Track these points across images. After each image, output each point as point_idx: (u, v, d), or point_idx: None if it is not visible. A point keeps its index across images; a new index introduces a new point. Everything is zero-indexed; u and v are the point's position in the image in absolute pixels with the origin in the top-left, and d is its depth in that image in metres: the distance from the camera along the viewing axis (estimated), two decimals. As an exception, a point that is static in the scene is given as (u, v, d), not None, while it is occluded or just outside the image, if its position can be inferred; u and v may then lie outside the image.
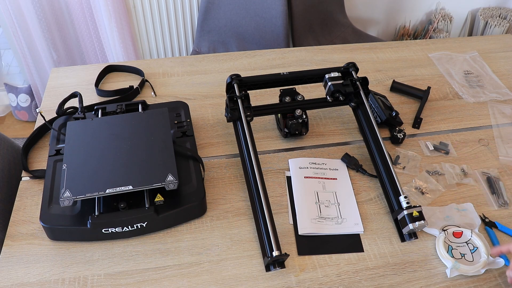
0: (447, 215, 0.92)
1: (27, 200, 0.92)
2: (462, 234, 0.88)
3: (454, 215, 0.92)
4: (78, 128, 0.93)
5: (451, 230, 0.88)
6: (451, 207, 0.94)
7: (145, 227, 0.84)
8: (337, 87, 1.02)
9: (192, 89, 1.22)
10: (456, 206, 0.94)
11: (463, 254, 0.85)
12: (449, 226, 0.90)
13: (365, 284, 0.81)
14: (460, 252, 0.85)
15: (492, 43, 1.46)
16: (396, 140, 1.06)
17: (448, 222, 0.90)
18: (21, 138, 2.09)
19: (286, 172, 0.99)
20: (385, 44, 1.44)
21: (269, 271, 0.81)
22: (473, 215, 0.92)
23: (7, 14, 1.87)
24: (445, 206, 0.94)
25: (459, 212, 0.93)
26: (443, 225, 0.90)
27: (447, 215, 0.92)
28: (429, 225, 0.88)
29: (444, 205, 0.94)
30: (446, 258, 0.83)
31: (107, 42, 2.02)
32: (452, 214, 0.92)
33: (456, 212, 0.93)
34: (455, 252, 0.85)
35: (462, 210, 0.93)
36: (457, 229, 0.88)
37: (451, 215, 0.92)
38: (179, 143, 0.98)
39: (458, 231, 0.88)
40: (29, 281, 0.79)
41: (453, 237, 0.88)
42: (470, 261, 0.84)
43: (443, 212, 0.93)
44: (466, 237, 0.87)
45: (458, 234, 0.88)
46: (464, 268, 0.81)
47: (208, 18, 1.97)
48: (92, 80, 1.22)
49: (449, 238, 0.87)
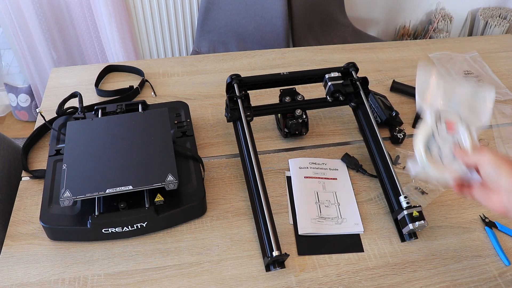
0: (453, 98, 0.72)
1: (27, 200, 0.92)
2: (454, 128, 0.70)
3: (463, 100, 0.72)
4: (78, 128, 0.93)
5: (445, 116, 0.70)
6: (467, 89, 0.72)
7: (145, 227, 0.84)
8: (337, 87, 1.02)
9: (192, 89, 1.22)
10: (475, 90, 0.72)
11: (441, 155, 0.68)
12: (446, 111, 0.71)
13: (365, 284, 0.81)
14: (440, 150, 0.69)
15: (492, 43, 1.46)
16: (396, 140, 1.06)
17: (451, 105, 0.72)
18: (21, 138, 2.09)
19: (286, 172, 1.00)
20: (385, 44, 1.44)
21: (269, 271, 0.81)
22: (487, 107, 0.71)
23: (7, 14, 1.87)
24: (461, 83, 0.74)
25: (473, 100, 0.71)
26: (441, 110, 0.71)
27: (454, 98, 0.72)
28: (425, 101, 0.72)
29: (445, 205, 0.94)
30: (420, 152, 0.68)
31: (107, 42, 2.02)
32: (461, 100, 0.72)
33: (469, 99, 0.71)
34: (434, 149, 0.69)
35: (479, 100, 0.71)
36: (453, 119, 0.70)
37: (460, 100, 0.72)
38: (179, 143, 0.98)
39: (452, 121, 0.70)
40: (29, 281, 0.79)
41: (443, 127, 0.70)
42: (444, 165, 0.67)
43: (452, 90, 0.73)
44: (458, 134, 0.69)
45: (450, 125, 0.70)
46: (431, 173, 0.66)
47: (208, 18, 1.97)
48: (92, 80, 1.22)
49: (438, 125, 0.70)
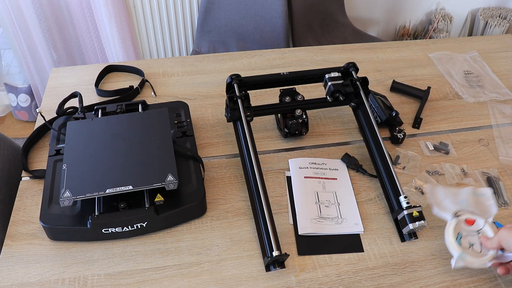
0: (462, 199, 0.84)
1: (27, 200, 0.92)
2: (474, 222, 0.80)
3: (469, 199, 0.84)
4: (78, 128, 0.93)
5: (464, 217, 0.81)
6: (467, 191, 0.86)
7: (145, 227, 0.84)
8: (337, 87, 1.02)
9: (192, 89, 1.22)
10: (473, 190, 0.86)
11: (472, 244, 0.79)
12: (462, 211, 0.82)
13: (365, 284, 0.81)
14: (469, 242, 0.79)
15: (492, 43, 1.46)
16: (396, 140, 1.06)
17: (462, 207, 0.83)
18: (21, 138, 2.09)
19: (286, 172, 1.00)
20: (385, 44, 1.44)
21: (269, 271, 0.81)
22: (490, 202, 0.84)
23: (7, 14, 1.87)
24: (461, 189, 0.87)
25: (476, 197, 0.85)
26: (456, 210, 0.82)
27: (462, 199, 0.84)
28: (441, 209, 0.83)
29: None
30: (453, 246, 0.78)
31: (107, 42, 2.02)
32: (467, 199, 0.84)
33: (472, 197, 0.85)
34: (464, 241, 0.79)
35: (479, 195, 0.85)
36: (471, 216, 0.81)
37: (467, 199, 0.84)
38: (179, 143, 0.98)
39: (471, 219, 0.81)
40: (29, 281, 0.79)
41: (464, 224, 0.81)
42: (478, 252, 0.78)
43: (458, 195, 0.85)
44: (478, 226, 0.80)
45: (470, 221, 0.81)
46: (470, 260, 0.76)
47: (208, 18, 1.97)
48: (92, 80, 1.22)
49: (460, 224, 0.81)
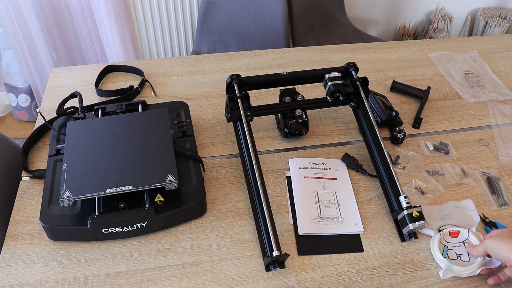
0: (444, 214, 0.91)
1: (27, 200, 0.92)
2: (459, 234, 0.86)
3: (452, 213, 0.91)
4: (78, 128, 0.93)
5: (447, 230, 0.87)
6: (450, 205, 0.92)
7: (145, 227, 0.84)
8: (337, 87, 1.02)
9: (192, 89, 1.22)
10: (455, 203, 0.93)
11: (459, 255, 0.84)
12: (445, 225, 0.88)
13: (365, 284, 0.81)
14: (456, 253, 0.84)
15: (492, 43, 1.46)
16: (396, 140, 1.06)
17: (445, 222, 0.89)
18: (21, 138, 2.09)
19: (286, 172, 0.99)
20: (385, 44, 1.44)
21: (269, 271, 0.81)
22: (472, 212, 0.91)
23: (7, 14, 1.87)
24: (443, 205, 0.93)
25: (458, 209, 0.92)
26: (440, 225, 0.89)
27: (445, 214, 0.91)
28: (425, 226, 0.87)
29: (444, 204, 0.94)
30: (440, 259, 0.82)
31: (107, 42, 2.02)
32: (450, 213, 0.91)
33: (455, 210, 0.92)
34: (451, 253, 0.84)
35: (461, 207, 0.92)
36: (454, 229, 0.87)
37: (449, 213, 0.91)
38: (179, 143, 0.98)
39: (455, 231, 0.86)
40: (29, 281, 0.79)
41: (449, 237, 0.86)
42: (466, 261, 0.82)
43: (441, 211, 0.91)
44: (463, 237, 0.86)
45: (454, 233, 0.86)
46: (458, 269, 0.80)
47: (208, 18, 1.97)
48: (92, 80, 1.22)
49: (445, 238, 0.86)
